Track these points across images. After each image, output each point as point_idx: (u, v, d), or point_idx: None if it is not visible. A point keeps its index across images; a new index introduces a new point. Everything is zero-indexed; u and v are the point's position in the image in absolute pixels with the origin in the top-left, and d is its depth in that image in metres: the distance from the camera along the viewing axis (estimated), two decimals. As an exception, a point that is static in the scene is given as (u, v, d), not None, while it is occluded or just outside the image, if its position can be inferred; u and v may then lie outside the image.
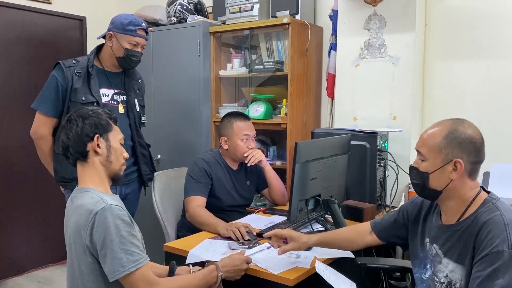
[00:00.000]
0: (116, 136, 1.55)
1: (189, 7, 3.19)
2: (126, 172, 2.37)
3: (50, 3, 3.65)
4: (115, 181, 1.56)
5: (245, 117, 2.44)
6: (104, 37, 2.32)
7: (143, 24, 2.32)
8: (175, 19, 3.19)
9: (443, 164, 1.35)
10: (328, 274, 1.58)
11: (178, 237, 2.36)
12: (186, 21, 3.16)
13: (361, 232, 1.73)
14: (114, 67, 2.34)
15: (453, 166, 1.34)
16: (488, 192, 1.40)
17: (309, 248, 1.79)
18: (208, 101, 3.12)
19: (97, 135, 1.49)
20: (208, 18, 3.25)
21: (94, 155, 1.49)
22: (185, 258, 1.77)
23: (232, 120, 2.39)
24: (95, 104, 2.21)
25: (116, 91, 2.35)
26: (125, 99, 2.38)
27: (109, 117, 1.55)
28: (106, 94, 2.31)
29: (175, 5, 3.18)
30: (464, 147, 1.34)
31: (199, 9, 3.23)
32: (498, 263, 1.20)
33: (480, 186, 1.41)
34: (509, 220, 1.25)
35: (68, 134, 1.49)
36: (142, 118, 2.47)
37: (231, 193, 2.37)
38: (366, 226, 1.74)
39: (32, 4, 3.53)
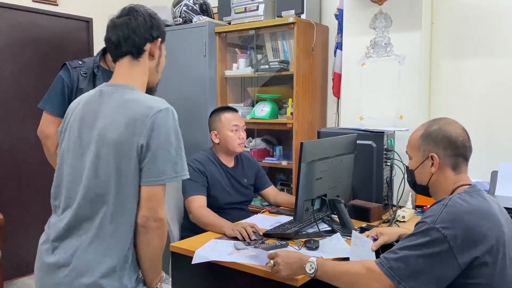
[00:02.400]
0: (164, 50, 1.45)
1: (195, 7, 3.19)
2: None
3: (57, 5, 3.67)
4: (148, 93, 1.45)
5: (232, 109, 2.45)
6: None
7: None
8: (181, 19, 3.20)
9: (423, 160, 1.49)
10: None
11: (182, 238, 2.36)
12: (191, 22, 3.16)
13: None
14: None
15: (431, 160, 1.47)
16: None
17: (315, 248, 1.79)
18: (214, 101, 3.12)
19: (160, 38, 1.39)
20: (213, 18, 3.25)
21: (147, 58, 1.39)
22: (191, 258, 1.77)
23: (219, 113, 2.41)
24: None
25: None
26: None
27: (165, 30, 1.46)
28: None
29: (180, 6, 3.19)
30: (438, 142, 1.46)
31: (204, 10, 3.23)
32: (416, 231, 1.33)
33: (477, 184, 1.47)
34: (449, 204, 1.33)
35: (130, 23, 1.34)
36: None
37: (228, 191, 2.36)
38: None
39: (39, 6, 3.55)
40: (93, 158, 1.31)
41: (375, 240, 1.79)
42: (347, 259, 1.76)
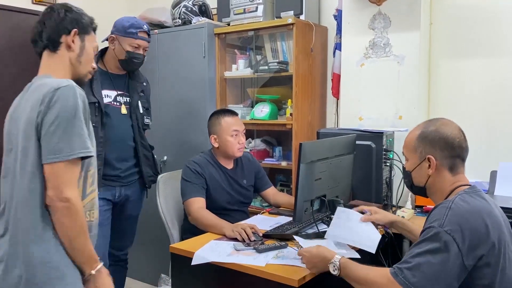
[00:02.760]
0: (92, 41, 1.53)
1: (194, 9, 3.20)
2: (127, 173, 2.39)
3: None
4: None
5: (232, 113, 2.43)
6: (108, 39, 2.33)
7: (145, 26, 2.33)
8: (180, 21, 3.20)
9: (420, 162, 1.50)
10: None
11: (182, 239, 2.37)
12: (191, 23, 3.16)
13: None
14: (118, 69, 2.37)
15: (427, 162, 1.47)
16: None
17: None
18: (213, 102, 3.12)
19: (76, 30, 1.46)
20: (212, 19, 3.25)
21: (65, 50, 1.45)
22: (191, 259, 1.78)
23: (219, 117, 2.39)
24: (97, 104, 2.23)
25: (119, 92, 2.37)
26: (128, 100, 2.40)
27: (91, 22, 1.54)
28: (109, 95, 2.33)
29: (179, 7, 3.19)
30: (434, 143, 1.45)
31: (203, 11, 3.24)
32: (425, 236, 1.33)
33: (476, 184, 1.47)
34: (453, 207, 1.33)
35: (45, 20, 1.44)
36: (146, 120, 2.48)
37: (228, 192, 2.36)
38: None
39: (38, 8, 3.55)
40: (14, 150, 1.37)
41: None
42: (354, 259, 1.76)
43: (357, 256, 1.71)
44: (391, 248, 2.18)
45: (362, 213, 1.85)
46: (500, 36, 2.46)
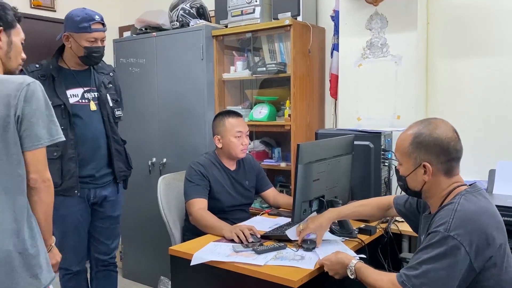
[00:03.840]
0: (18, 34, 1.56)
1: (192, 11, 3.20)
2: (100, 174, 2.35)
3: (55, 11, 3.69)
4: None
5: (236, 114, 2.43)
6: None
7: (97, 16, 2.21)
8: (178, 23, 3.21)
9: (414, 168, 1.44)
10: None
11: (183, 240, 2.37)
12: (188, 25, 3.17)
13: (382, 208, 1.85)
14: (80, 65, 2.30)
15: (423, 168, 1.42)
16: (471, 185, 1.45)
17: (312, 249, 1.79)
18: (212, 104, 3.13)
19: (1, 28, 1.49)
20: (210, 21, 3.26)
21: None
22: (190, 261, 1.78)
23: (224, 118, 2.39)
24: (62, 106, 2.20)
25: (86, 89, 2.31)
26: (96, 96, 2.34)
27: (15, 14, 1.56)
28: (75, 94, 2.28)
29: (177, 10, 3.20)
30: (430, 150, 1.41)
31: (201, 13, 3.24)
32: (431, 241, 1.30)
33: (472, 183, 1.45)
34: (459, 209, 1.31)
35: None
36: (117, 113, 2.42)
37: (231, 193, 2.37)
38: (388, 200, 1.84)
39: (36, 12, 3.56)
40: None
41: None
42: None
43: (364, 255, 1.73)
44: (390, 247, 2.19)
45: None
46: (497, 35, 2.46)
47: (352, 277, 1.51)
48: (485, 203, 1.36)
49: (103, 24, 2.26)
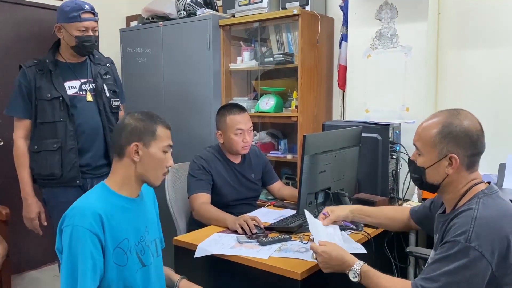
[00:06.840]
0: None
1: (199, 0, 3.17)
2: (97, 164, 2.36)
3: (61, 0, 3.67)
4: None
5: (239, 109, 2.34)
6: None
7: (86, 6, 2.24)
8: (185, 12, 3.18)
9: (439, 159, 1.34)
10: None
11: (189, 231, 2.36)
12: (195, 15, 3.14)
13: (399, 219, 1.76)
14: (75, 57, 2.32)
15: (448, 161, 1.33)
16: (489, 183, 1.38)
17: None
18: (218, 95, 3.10)
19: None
20: (217, 11, 3.23)
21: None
22: (194, 252, 1.77)
23: (225, 113, 2.32)
24: (61, 99, 2.22)
25: (83, 80, 2.33)
26: (93, 87, 2.35)
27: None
28: (73, 86, 2.30)
29: (184, -1, 3.17)
30: (459, 141, 1.32)
31: (208, 2, 3.21)
32: (450, 251, 1.23)
33: (487, 182, 1.39)
34: (479, 216, 1.25)
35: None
36: (114, 103, 2.42)
37: (235, 187, 2.34)
38: (405, 212, 1.76)
39: (43, 0, 3.55)
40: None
41: (326, 216, 1.73)
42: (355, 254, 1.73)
43: (364, 251, 1.69)
44: (396, 241, 2.16)
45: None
46: (509, 27, 2.40)
47: (355, 280, 1.42)
48: (505, 206, 1.30)
49: (94, 14, 2.28)
